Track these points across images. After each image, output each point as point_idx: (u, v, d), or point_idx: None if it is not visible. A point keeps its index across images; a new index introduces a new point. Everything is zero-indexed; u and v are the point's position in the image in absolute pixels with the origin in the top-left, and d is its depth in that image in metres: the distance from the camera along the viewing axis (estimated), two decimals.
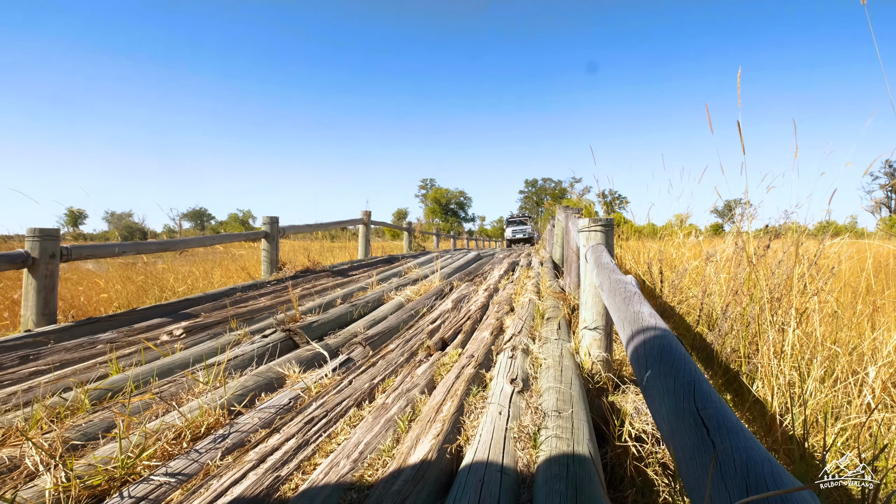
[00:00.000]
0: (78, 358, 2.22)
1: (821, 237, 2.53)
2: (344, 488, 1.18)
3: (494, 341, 2.55)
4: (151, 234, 8.30)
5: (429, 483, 1.20)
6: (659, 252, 3.91)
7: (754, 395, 2.02)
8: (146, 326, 2.82)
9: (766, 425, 1.85)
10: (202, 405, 1.60)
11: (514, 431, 1.42)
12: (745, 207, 2.89)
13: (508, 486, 1.16)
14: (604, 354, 2.15)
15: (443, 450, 1.35)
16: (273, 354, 2.32)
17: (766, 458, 0.60)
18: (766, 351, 2.07)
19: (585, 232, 2.47)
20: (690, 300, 3.16)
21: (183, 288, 4.82)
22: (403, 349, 2.45)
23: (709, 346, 2.55)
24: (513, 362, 2.05)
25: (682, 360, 0.89)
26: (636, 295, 1.38)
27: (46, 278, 2.97)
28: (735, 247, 2.81)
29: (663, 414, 0.81)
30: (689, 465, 0.67)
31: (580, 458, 1.25)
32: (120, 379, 1.88)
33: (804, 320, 2.23)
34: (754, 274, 2.44)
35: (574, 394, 1.70)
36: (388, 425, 1.53)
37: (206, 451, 1.37)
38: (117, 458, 1.27)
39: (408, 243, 11.75)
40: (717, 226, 7.99)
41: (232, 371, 2.04)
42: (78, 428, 1.47)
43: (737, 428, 0.67)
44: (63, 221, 31.78)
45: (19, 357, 2.17)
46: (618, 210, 16.36)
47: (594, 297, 2.24)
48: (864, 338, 2.16)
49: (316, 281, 4.82)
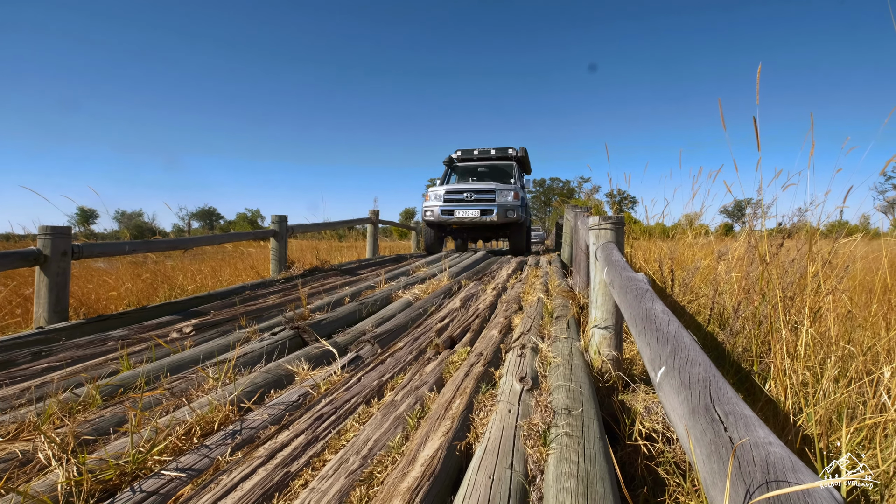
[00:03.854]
0: (89, 354, 2.24)
1: (834, 236, 2.49)
2: (353, 485, 1.18)
3: (503, 339, 2.53)
4: (161, 233, 8.33)
5: (438, 480, 1.19)
6: (669, 251, 3.88)
7: (766, 395, 2.00)
8: (156, 324, 2.84)
9: (780, 425, 1.83)
10: (212, 401, 1.61)
11: (524, 429, 1.41)
12: (757, 206, 2.86)
13: (518, 483, 1.15)
14: (614, 353, 2.14)
15: (452, 447, 1.34)
16: (282, 352, 2.32)
17: (786, 455, 0.58)
18: (778, 350, 2.04)
19: (595, 230, 2.46)
20: (701, 299, 3.12)
21: (192, 286, 4.85)
22: (412, 347, 2.45)
23: (720, 345, 2.52)
24: (522, 360, 2.04)
25: (697, 357, 0.87)
26: (648, 292, 1.37)
27: (58, 276, 3.00)
28: (748, 245, 2.77)
29: (678, 411, 0.80)
30: (706, 463, 0.66)
31: (591, 456, 1.24)
32: (131, 375, 1.90)
33: (818, 320, 2.20)
34: (767, 272, 2.41)
35: (584, 392, 1.69)
36: (398, 422, 1.53)
37: (216, 447, 1.38)
38: (128, 453, 1.27)
39: (416, 242, 11.77)
40: (727, 226, 7.96)
41: (241, 368, 2.05)
42: (90, 423, 1.48)
43: (755, 424, 0.66)
44: (75, 220, 32.22)
45: (32, 353, 2.19)
46: (627, 210, 16.11)
47: (604, 295, 2.22)
48: (879, 337, 2.12)
49: (324, 279, 4.84)
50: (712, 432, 0.68)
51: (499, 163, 9.96)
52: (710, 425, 0.70)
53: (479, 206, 8.28)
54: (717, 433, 0.67)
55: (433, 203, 8.59)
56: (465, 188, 8.49)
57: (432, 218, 8.47)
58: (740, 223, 10.41)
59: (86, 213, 35.67)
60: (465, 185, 8.61)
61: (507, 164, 9.86)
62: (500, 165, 9.92)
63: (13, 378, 1.90)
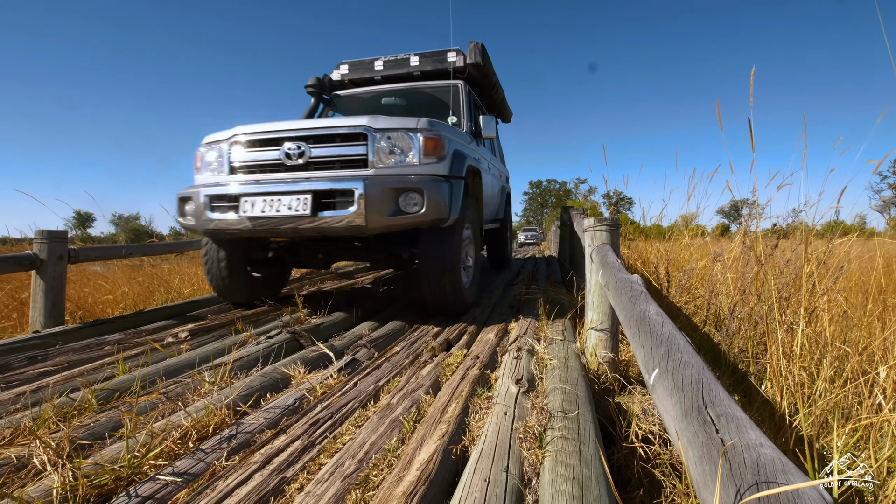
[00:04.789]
0: (86, 359, 2.24)
1: (829, 236, 2.50)
2: (349, 488, 1.18)
3: (499, 342, 2.54)
4: (158, 236, 8.34)
5: (434, 484, 1.19)
6: (665, 252, 3.89)
7: (763, 396, 2.00)
8: (153, 328, 2.83)
9: (775, 426, 1.83)
10: (208, 405, 1.60)
11: (520, 432, 1.41)
12: (752, 207, 2.87)
13: (514, 486, 1.16)
14: (610, 355, 2.14)
15: (448, 450, 1.34)
16: (278, 355, 2.32)
17: (776, 456, 0.59)
18: (774, 351, 2.05)
19: (591, 231, 2.46)
20: (697, 300, 3.13)
21: (189, 290, 4.84)
22: (408, 351, 2.45)
23: (716, 346, 2.52)
24: (518, 363, 2.04)
25: (691, 359, 0.88)
26: (642, 294, 1.37)
27: (54, 280, 2.99)
28: (743, 246, 2.78)
29: (671, 413, 0.80)
30: (698, 464, 0.66)
31: (587, 459, 1.25)
32: (127, 379, 1.89)
33: (813, 320, 2.21)
34: (763, 273, 2.42)
35: (580, 394, 1.69)
36: (394, 426, 1.53)
37: (211, 451, 1.37)
38: (124, 458, 1.27)
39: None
40: (723, 226, 7.96)
41: (238, 372, 2.05)
42: (85, 427, 1.47)
43: (746, 426, 0.66)
44: (71, 224, 32.11)
45: (28, 358, 2.18)
46: (623, 211, 16.14)
47: (599, 297, 2.22)
48: (874, 337, 2.13)
49: (321, 283, 4.84)
50: (704, 434, 0.68)
51: (427, 84, 4.50)
52: (703, 427, 0.70)
53: (314, 185, 2.71)
54: (709, 435, 0.67)
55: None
56: (281, 130, 2.87)
57: (192, 222, 2.99)
58: (736, 224, 10.50)
59: (82, 216, 35.58)
60: (280, 126, 2.89)
61: (440, 87, 4.40)
62: (428, 89, 4.46)
63: (9, 383, 1.89)
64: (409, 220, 2.67)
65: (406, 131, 2.77)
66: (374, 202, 2.58)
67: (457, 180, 2.92)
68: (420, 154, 2.76)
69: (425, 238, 2.96)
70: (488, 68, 4.69)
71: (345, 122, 2.85)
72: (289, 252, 3.55)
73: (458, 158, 3.02)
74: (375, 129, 2.74)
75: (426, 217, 2.66)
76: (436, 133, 2.82)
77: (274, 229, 2.70)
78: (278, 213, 2.65)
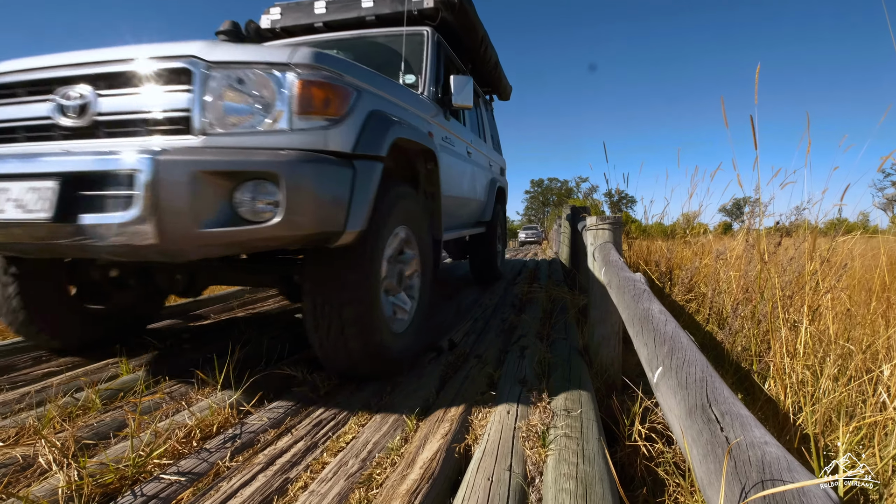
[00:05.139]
0: (90, 359, 2.24)
1: (832, 234, 2.49)
2: (353, 487, 1.18)
3: (502, 342, 2.54)
4: None
5: (437, 482, 1.20)
6: (668, 250, 3.88)
7: (766, 394, 2.00)
8: (156, 328, 2.84)
9: (779, 424, 1.83)
10: (212, 405, 1.61)
11: (523, 430, 1.41)
12: (755, 205, 2.86)
13: (517, 485, 1.16)
14: (612, 353, 2.14)
15: (451, 449, 1.35)
16: (282, 354, 2.32)
17: (781, 454, 0.59)
18: (777, 349, 2.04)
19: (593, 230, 2.46)
20: (700, 298, 3.13)
21: None
22: None
23: (719, 344, 2.52)
24: (521, 362, 2.04)
25: (694, 357, 0.88)
26: (645, 292, 1.37)
27: None
28: (746, 244, 2.78)
29: (675, 411, 0.80)
30: (703, 463, 0.66)
31: (590, 457, 1.25)
32: (131, 379, 1.90)
33: (817, 318, 2.20)
34: (765, 271, 2.41)
35: (583, 393, 1.69)
36: (397, 425, 1.53)
37: (215, 451, 1.38)
38: (128, 457, 1.28)
39: None
40: (726, 224, 7.90)
41: (241, 371, 2.05)
42: (90, 427, 1.48)
43: (751, 424, 0.66)
44: None
45: (32, 358, 2.19)
46: (625, 209, 16.14)
47: (602, 296, 2.22)
48: (878, 335, 2.13)
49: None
50: (709, 432, 0.68)
51: (381, 31, 3.27)
52: (707, 425, 0.70)
53: (64, 163, 1.41)
54: (714, 433, 0.67)
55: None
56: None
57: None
58: (739, 222, 10.50)
59: None
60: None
61: (398, 35, 3.06)
62: (383, 39, 3.22)
63: (13, 383, 1.90)
64: (254, 234, 1.42)
65: (268, 68, 1.49)
66: (172, 198, 1.33)
67: (368, 162, 1.69)
68: (291, 110, 1.49)
69: (311, 265, 1.77)
70: (472, 17, 3.46)
71: (159, 51, 1.53)
72: (133, 274, 2.39)
73: (378, 125, 1.79)
74: (211, 62, 1.48)
75: (288, 230, 1.43)
76: (327, 74, 1.58)
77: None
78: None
